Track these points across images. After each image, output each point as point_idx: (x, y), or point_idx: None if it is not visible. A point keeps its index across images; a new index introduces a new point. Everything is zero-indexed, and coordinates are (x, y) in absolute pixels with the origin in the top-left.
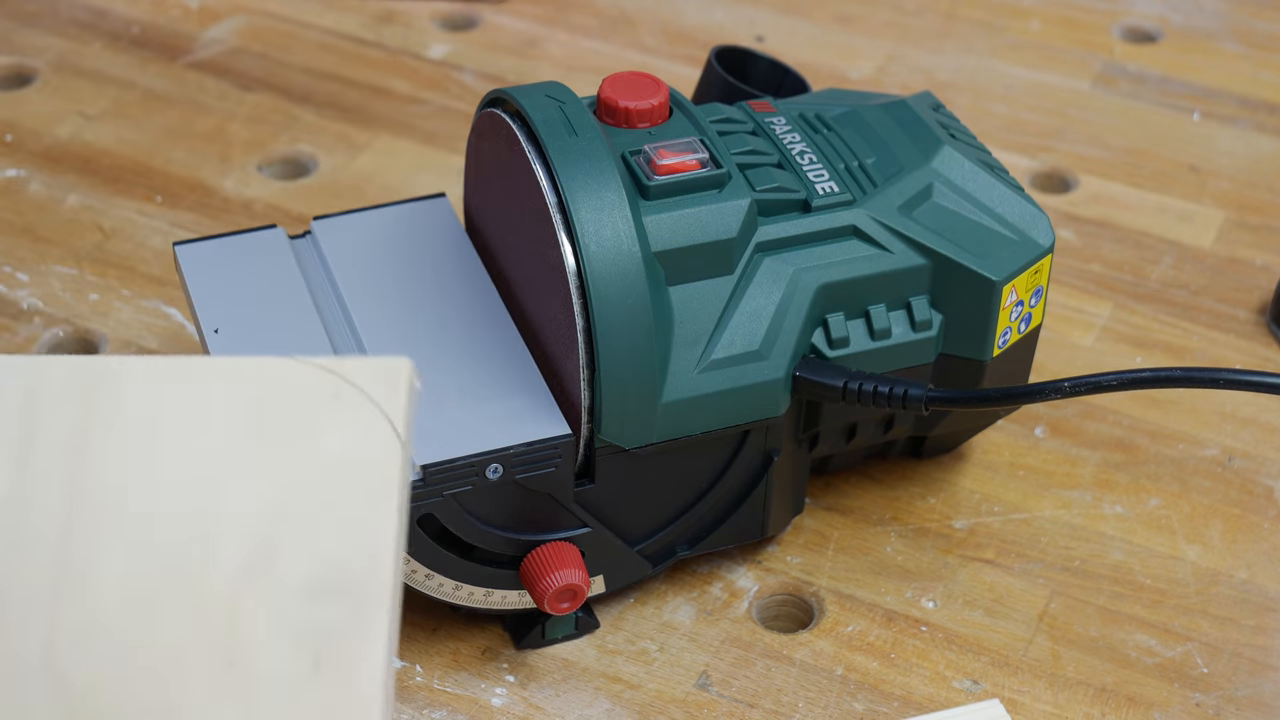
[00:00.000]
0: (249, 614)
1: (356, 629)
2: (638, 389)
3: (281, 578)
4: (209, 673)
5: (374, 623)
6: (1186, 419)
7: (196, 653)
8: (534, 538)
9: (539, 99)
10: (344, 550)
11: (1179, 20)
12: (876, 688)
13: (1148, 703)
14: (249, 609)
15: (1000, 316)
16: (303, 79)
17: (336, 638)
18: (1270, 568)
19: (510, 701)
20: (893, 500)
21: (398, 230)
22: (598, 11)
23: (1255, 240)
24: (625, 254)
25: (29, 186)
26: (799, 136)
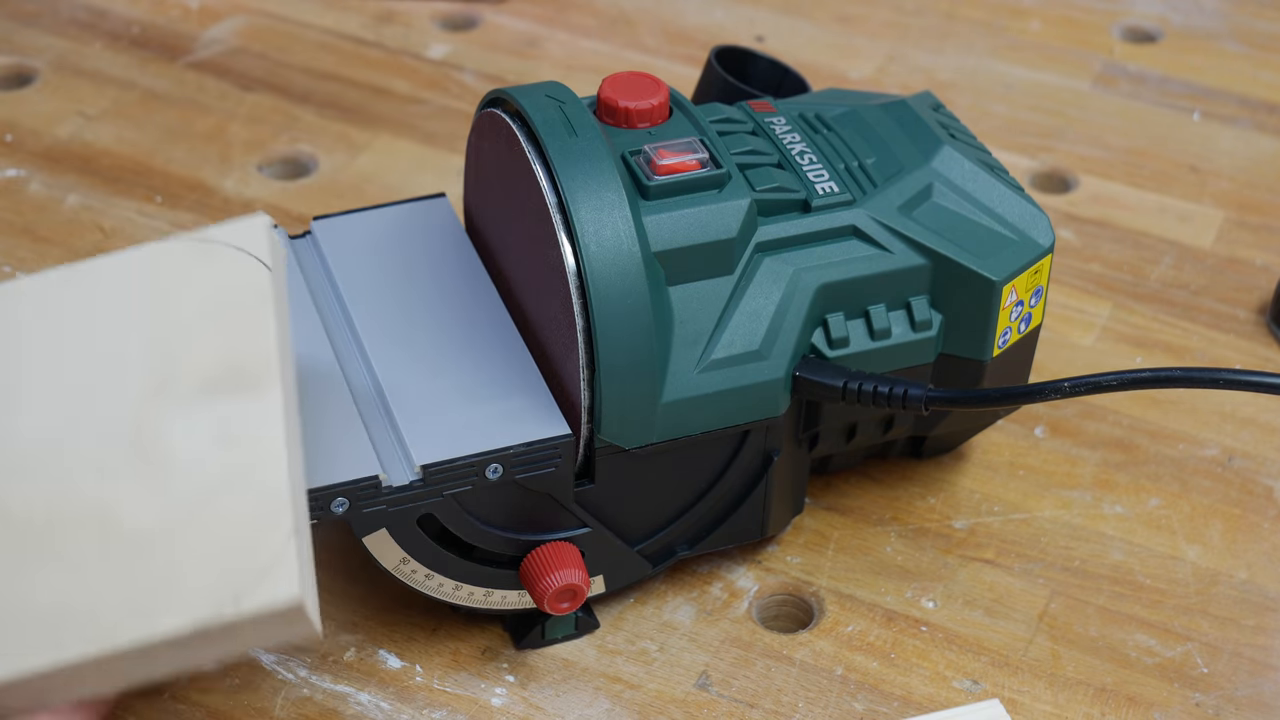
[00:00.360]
0: (159, 419)
1: (256, 409)
2: (638, 389)
3: (183, 387)
4: (130, 471)
5: (270, 401)
6: (1186, 419)
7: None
8: (534, 538)
9: (539, 99)
10: (234, 353)
11: (1179, 20)
12: (876, 688)
13: (1148, 703)
14: (158, 415)
15: (1000, 316)
16: (303, 79)
17: (239, 420)
18: (1270, 568)
19: (510, 701)
20: (893, 500)
21: (398, 230)
22: (598, 11)
23: (1255, 240)
24: (625, 254)
25: (29, 186)
26: (799, 136)
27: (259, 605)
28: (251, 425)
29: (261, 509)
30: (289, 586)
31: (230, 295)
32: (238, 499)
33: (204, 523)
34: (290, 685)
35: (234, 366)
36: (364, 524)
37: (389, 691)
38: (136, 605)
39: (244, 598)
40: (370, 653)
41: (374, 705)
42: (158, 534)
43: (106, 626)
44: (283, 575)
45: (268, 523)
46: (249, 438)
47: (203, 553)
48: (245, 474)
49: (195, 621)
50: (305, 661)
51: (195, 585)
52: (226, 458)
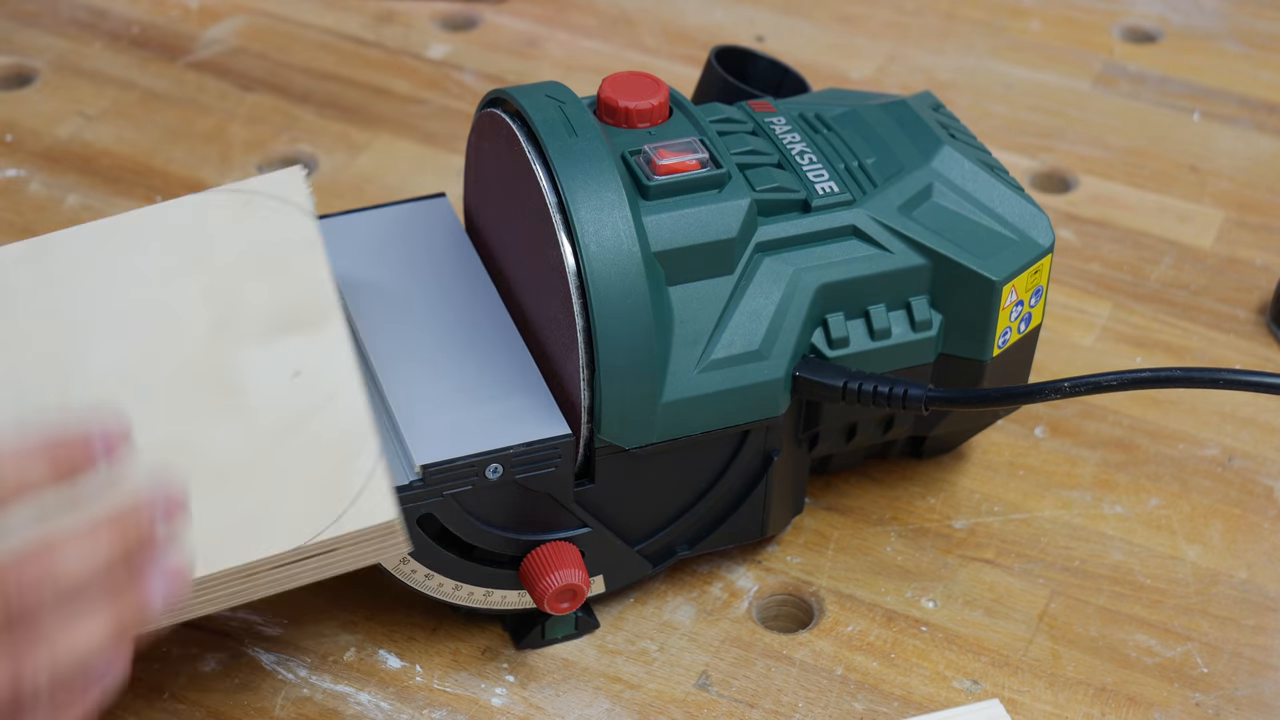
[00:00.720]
0: (230, 357)
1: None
2: (638, 389)
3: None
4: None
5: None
6: (1186, 419)
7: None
8: (534, 538)
9: (539, 99)
10: (291, 293)
11: (1179, 20)
12: (876, 688)
13: (1148, 703)
14: (228, 353)
15: (1000, 316)
16: (303, 79)
17: (305, 353)
18: (1270, 568)
19: (510, 701)
20: (893, 500)
21: (398, 230)
22: (598, 11)
23: (1255, 240)
24: (625, 254)
25: (29, 186)
26: (799, 136)
27: (357, 525)
28: (320, 358)
29: (346, 435)
30: (384, 506)
31: (277, 240)
32: (322, 427)
33: (292, 452)
34: (290, 685)
35: (293, 306)
36: None
37: (389, 691)
38: (238, 531)
39: (343, 519)
40: (370, 653)
41: (374, 705)
42: (247, 466)
43: (211, 550)
44: (378, 496)
45: (355, 447)
46: (321, 369)
47: (296, 479)
48: (325, 403)
49: (297, 544)
50: (305, 661)
51: (293, 511)
52: (303, 389)
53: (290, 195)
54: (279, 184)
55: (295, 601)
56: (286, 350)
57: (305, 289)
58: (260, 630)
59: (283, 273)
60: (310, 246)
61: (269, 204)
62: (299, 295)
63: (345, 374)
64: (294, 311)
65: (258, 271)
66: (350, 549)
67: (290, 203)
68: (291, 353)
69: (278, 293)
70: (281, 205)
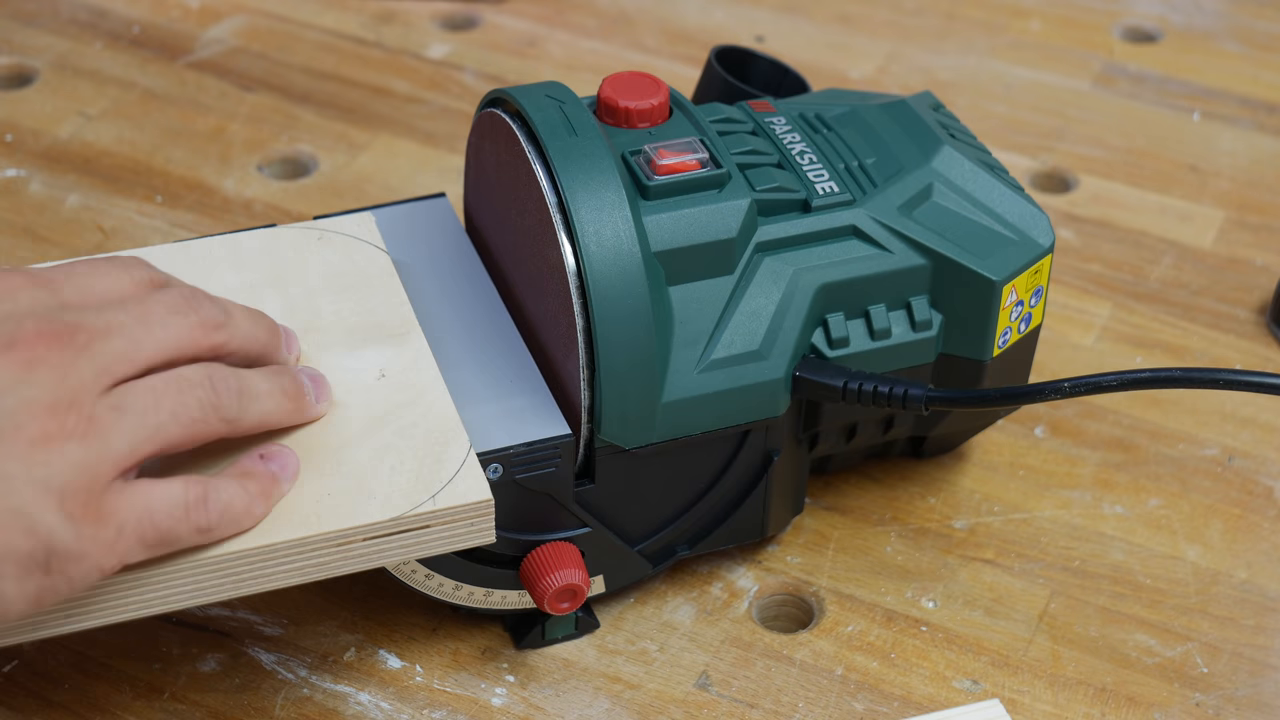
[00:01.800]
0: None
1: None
2: (638, 389)
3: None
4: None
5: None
6: (1186, 419)
7: None
8: (534, 538)
9: (539, 99)
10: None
11: (1179, 20)
12: (876, 688)
13: (1148, 703)
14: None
15: (1000, 316)
16: (303, 79)
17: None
18: (1270, 568)
19: (510, 701)
20: (893, 500)
21: (398, 230)
22: (598, 11)
23: (1255, 240)
24: (625, 254)
25: (29, 186)
26: (799, 136)
27: (453, 502)
28: (408, 365)
29: (437, 428)
30: (480, 486)
31: (354, 269)
32: (412, 421)
33: (384, 440)
34: (290, 685)
35: (377, 322)
36: None
37: (389, 691)
38: (334, 503)
39: (440, 495)
40: (370, 653)
41: (374, 705)
42: (340, 448)
43: (307, 518)
44: (473, 477)
45: (446, 438)
46: (408, 374)
47: (388, 464)
48: (412, 401)
49: (394, 514)
50: (305, 661)
51: (387, 488)
52: (390, 388)
53: (365, 234)
54: (351, 225)
55: (295, 601)
56: (371, 355)
57: (386, 308)
58: (260, 630)
59: (362, 294)
60: (388, 275)
61: (342, 240)
62: (380, 312)
63: (430, 379)
64: (376, 326)
65: (338, 292)
66: (442, 528)
67: (362, 239)
68: (375, 358)
69: (359, 309)
70: (355, 242)
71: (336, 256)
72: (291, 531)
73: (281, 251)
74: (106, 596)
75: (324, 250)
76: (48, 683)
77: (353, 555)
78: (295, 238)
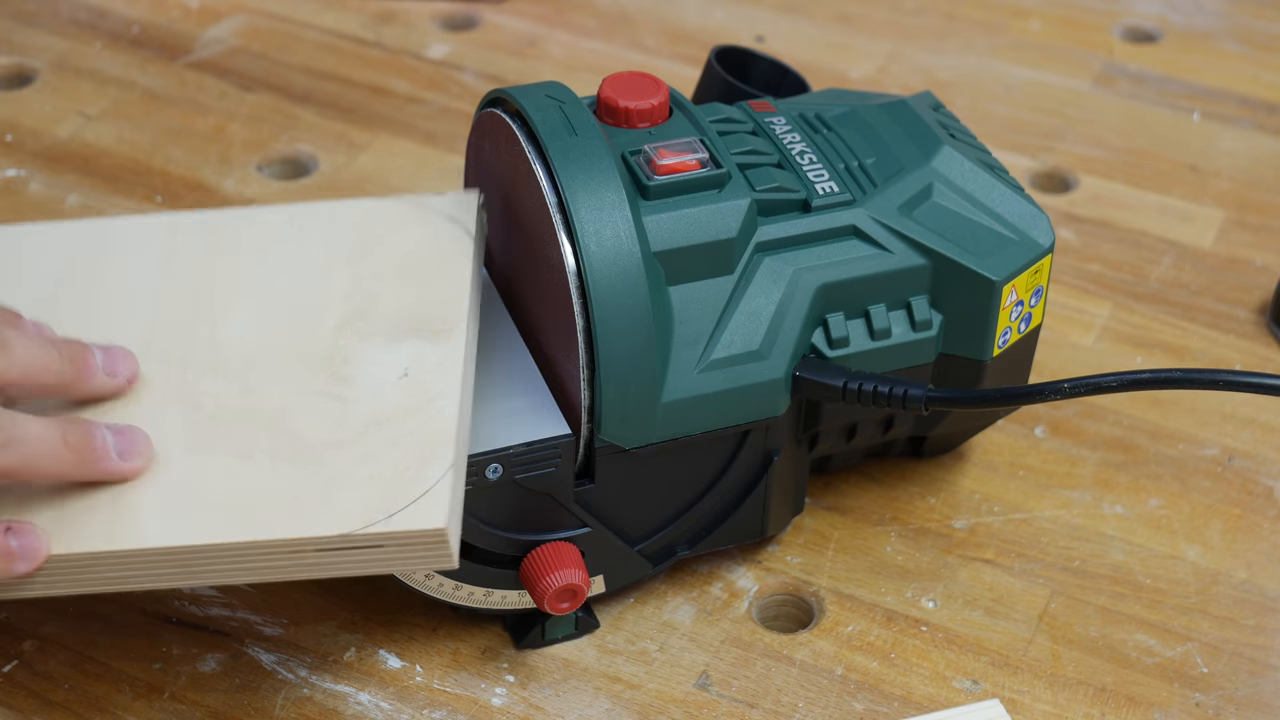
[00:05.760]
0: (353, 346)
1: (440, 354)
2: (638, 389)
3: (379, 322)
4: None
5: (454, 348)
6: (1186, 419)
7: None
8: (534, 538)
9: (539, 99)
10: (429, 304)
11: (1179, 20)
12: (876, 688)
13: (1148, 703)
14: (353, 342)
15: (1000, 316)
16: (303, 79)
17: (421, 357)
18: (1270, 568)
19: (510, 701)
20: (893, 500)
21: None
22: (598, 11)
23: (1255, 240)
24: (625, 254)
25: (29, 186)
26: (799, 136)
27: (406, 526)
28: (433, 367)
29: (428, 441)
30: (439, 514)
31: (434, 253)
32: (408, 430)
33: (373, 445)
34: (290, 685)
35: (427, 314)
36: None
37: (389, 691)
38: (296, 507)
39: (396, 517)
40: (370, 653)
41: (374, 705)
42: (330, 446)
43: (264, 520)
44: (435, 503)
45: (431, 454)
46: (430, 377)
47: (367, 472)
48: (420, 408)
49: (345, 530)
50: (305, 661)
51: (353, 499)
52: (406, 391)
53: (461, 216)
54: (455, 203)
55: (295, 601)
56: (405, 351)
57: (443, 301)
58: (260, 630)
59: (428, 282)
60: (463, 264)
61: (438, 219)
62: (436, 305)
63: (451, 384)
64: (425, 319)
65: (406, 275)
66: (397, 549)
67: (458, 222)
68: (407, 354)
69: (417, 297)
70: (449, 223)
71: (424, 237)
72: (245, 533)
73: (373, 227)
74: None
75: (416, 229)
76: (48, 683)
77: (305, 564)
78: (396, 211)
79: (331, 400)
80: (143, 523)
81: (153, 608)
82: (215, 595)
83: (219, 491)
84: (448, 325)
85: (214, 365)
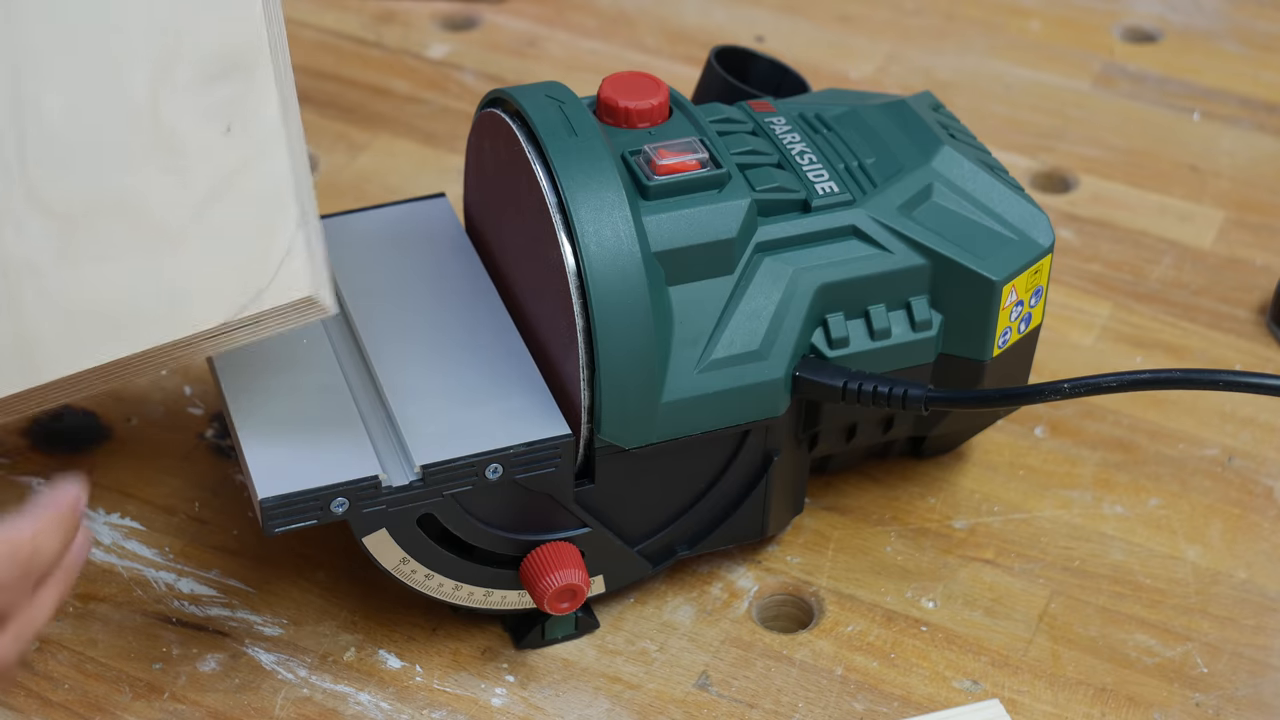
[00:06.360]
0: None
1: (251, 94)
2: (638, 389)
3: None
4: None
5: (264, 86)
6: (1186, 419)
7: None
8: (534, 538)
9: (539, 99)
10: (225, 42)
11: (1179, 20)
12: (876, 688)
13: (1148, 703)
14: (169, 106)
15: (1000, 316)
16: (303, 79)
17: (238, 104)
18: (1270, 568)
19: (510, 701)
20: (893, 500)
21: (398, 230)
22: (598, 11)
23: (1255, 240)
24: (625, 254)
25: None
26: (799, 136)
27: (276, 301)
28: (251, 112)
29: (271, 199)
30: (302, 282)
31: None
32: (249, 189)
33: (222, 215)
34: (290, 685)
35: (225, 53)
36: (364, 524)
37: (389, 691)
38: (172, 302)
39: (264, 294)
40: (370, 653)
41: (374, 705)
42: (183, 226)
43: (148, 323)
44: (296, 272)
45: (277, 215)
46: (250, 125)
47: (225, 248)
48: (250, 161)
49: (224, 318)
50: (305, 661)
51: (221, 283)
52: (233, 146)
53: None
54: None
55: (295, 601)
56: (220, 100)
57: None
58: (260, 630)
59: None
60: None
61: None
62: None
63: (271, 130)
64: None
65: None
66: (277, 319)
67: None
68: (224, 104)
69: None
70: None
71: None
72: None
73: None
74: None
75: None
76: (48, 683)
77: (197, 350)
78: None
79: (170, 175)
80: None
81: (153, 608)
82: (215, 595)
83: (99, 303)
84: (250, 58)
85: (51, 154)
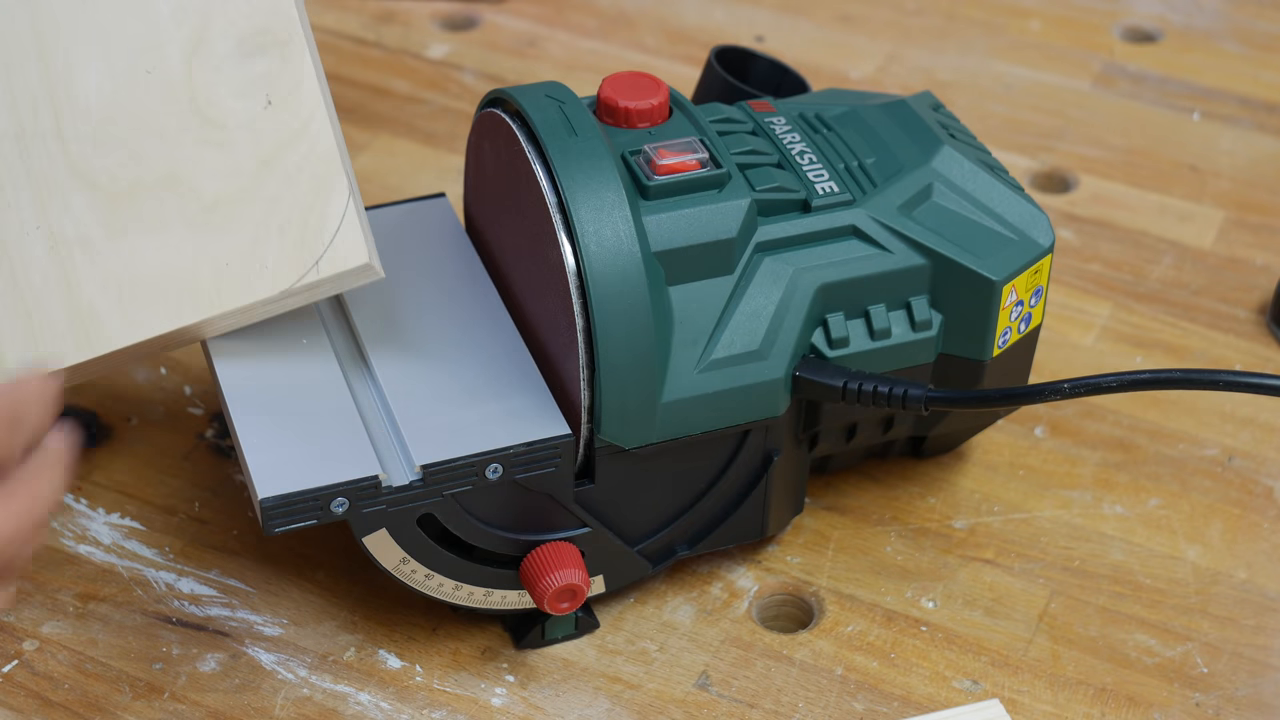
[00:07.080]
0: (206, 85)
1: (288, 69)
2: (638, 389)
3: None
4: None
5: (299, 59)
6: (1186, 419)
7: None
8: (534, 538)
9: (539, 99)
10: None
11: (1179, 20)
12: (876, 688)
13: (1148, 703)
14: (206, 76)
15: (1000, 316)
16: None
17: (275, 79)
18: (1270, 568)
19: (510, 701)
20: (893, 500)
21: (398, 230)
22: (598, 11)
23: (1255, 240)
24: (625, 254)
25: None
26: (799, 136)
27: (335, 270)
28: (290, 85)
29: (322, 170)
30: (358, 251)
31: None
32: (298, 161)
33: (276, 185)
34: (290, 685)
35: (259, 29)
36: (364, 524)
37: (389, 691)
38: (228, 271)
39: (322, 263)
40: (370, 653)
41: (374, 705)
42: (234, 197)
43: (209, 294)
44: (351, 241)
45: (330, 185)
46: (290, 97)
47: (280, 218)
48: (300, 135)
49: (284, 285)
50: (305, 661)
51: (279, 252)
52: (276, 118)
53: None
54: None
55: (295, 601)
56: (257, 75)
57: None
58: (260, 630)
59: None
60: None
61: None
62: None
63: (313, 103)
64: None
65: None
66: (333, 283)
67: None
68: (261, 78)
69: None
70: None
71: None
72: (199, 312)
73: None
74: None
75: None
76: (48, 683)
77: (253, 316)
78: None
79: (214, 149)
80: (102, 327)
81: (153, 608)
82: (215, 595)
83: (157, 274)
84: (285, 32)
85: (89, 132)
